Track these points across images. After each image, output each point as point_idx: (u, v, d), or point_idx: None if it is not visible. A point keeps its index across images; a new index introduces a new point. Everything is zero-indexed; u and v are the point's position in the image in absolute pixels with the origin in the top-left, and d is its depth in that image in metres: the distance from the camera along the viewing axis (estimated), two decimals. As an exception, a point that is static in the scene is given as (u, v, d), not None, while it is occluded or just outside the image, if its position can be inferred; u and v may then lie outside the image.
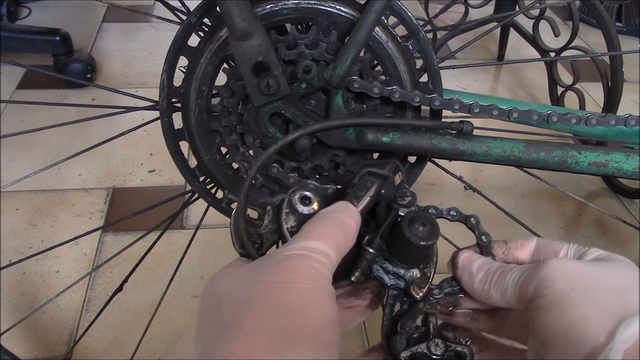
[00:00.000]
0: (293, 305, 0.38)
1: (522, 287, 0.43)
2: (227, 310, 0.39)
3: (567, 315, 0.39)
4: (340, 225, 0.44)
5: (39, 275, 1.20)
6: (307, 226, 0.44)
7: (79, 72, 1.80)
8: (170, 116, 0.65)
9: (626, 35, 2.26)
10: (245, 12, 0.54)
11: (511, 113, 0.60)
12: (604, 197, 1.51)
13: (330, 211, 0.46)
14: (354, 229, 0.45)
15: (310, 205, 0.48)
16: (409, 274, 0.49)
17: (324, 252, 0.42)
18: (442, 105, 0.59)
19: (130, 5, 2.25)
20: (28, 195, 1.40)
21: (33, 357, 1.05)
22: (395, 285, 0.50)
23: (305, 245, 0.42)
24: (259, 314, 0.38)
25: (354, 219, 0.46)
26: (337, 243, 0.43)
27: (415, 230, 0.47)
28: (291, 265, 0.40)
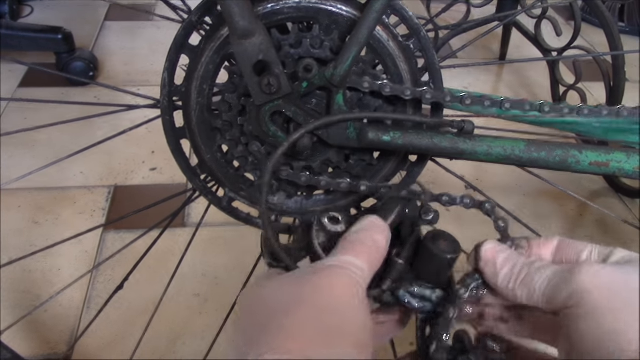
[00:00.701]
0: (332, 306, 0.40)
1: (554, 293, 0.42)
2: (266, 313, 0.40)
3: (605, 325, 0.38)
4: (371, 242, 0.47)
5: (40, 273, 1.21)
6: (341, 243, 0.47)
7: (81, 70, 1.80)
8: (171, 114, 0.65)
9: (629, 35, 2.26)
10: (246, 11, 0.54)
11: (503, 103, 0.60)
12: (606, 197, 1.51)
13: (361, 229, 0.48)
14: (385, 245, 0.48)
15: (338, 224, 0.51)
16: (435, 295, 0.51)
17: (358, 266, 0.44)
18: (433, 98, 0.59)
19: (132, 4, 2.26)
20: (30, 193, 1.41)
21: (34, 355, 1.06)
22: (422, 308, 0.51)
23: (341, 258, 0.44)
24: (299, 313, 0.39)
25: (384, 235, 0.48)
26: (369, 259, 0.45)
27: (439, 245, 0.50)
28: (330, 272, 0.42)
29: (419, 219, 0.53)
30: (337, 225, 0.51)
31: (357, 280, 0.42)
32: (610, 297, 0.40)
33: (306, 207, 0.68)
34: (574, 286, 0.41)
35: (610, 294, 0.40)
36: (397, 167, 0.66)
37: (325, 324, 0.38)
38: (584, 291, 0.40)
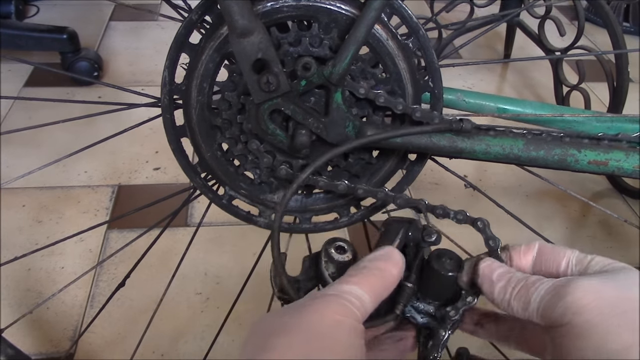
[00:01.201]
0: (321, 332, 0.41)
1: (548, 308, 0.43)
2: (263, 337, 0.42)
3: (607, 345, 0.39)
4: (379, 273, 0.48)
5: (44, 271, 1.21)
6: (348, 272, 0.48)
7: (86, 70, 1.81)
8: (171, 113, 0.66)
9: (633, 35, 2.26)
10: (246, 9, 0.54)
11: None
12: (609, 198, 1.51)
13: (373, 259, 0.49)
14: (395, 276, 0.49)
15: (345, 253, 0.53)
16: (440, 313, 0.52)
17: (357, 295, 0.45)
18: (422, 117, 0.60)
19: (137, 4, 2.27)
20: (34, 192, 1.41)
21: (37, 352, 1.06)
22: (427, 324, 0.53)
23: (340, 287, 0.45)
24: (289, 337, 0.41)
25: (397, 267, 0.49)
26: (372, 289, 0.46)
27: (443, 263, 0.52)
28: (323, 300, 0.44)
29: (422, 241, 0.55)
30: (344, 255, 0.53)
31: (351, 309, 0.43)
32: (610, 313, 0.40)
33: (306, 205, 0.68)
34: (568, 302, 0.41)
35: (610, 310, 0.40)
36: (397, 166, 0.66)
37: (312, 348, 0.40)
38: (579, 308, 0.41)
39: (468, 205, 1.44)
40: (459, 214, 0.56)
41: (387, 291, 0.48)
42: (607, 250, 1.34)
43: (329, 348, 0.40)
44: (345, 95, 0.60)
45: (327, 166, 0.65)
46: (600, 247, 1.35)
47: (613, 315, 0.40)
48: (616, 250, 1.35)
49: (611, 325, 0.39)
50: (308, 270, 0.55)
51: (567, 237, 1.38)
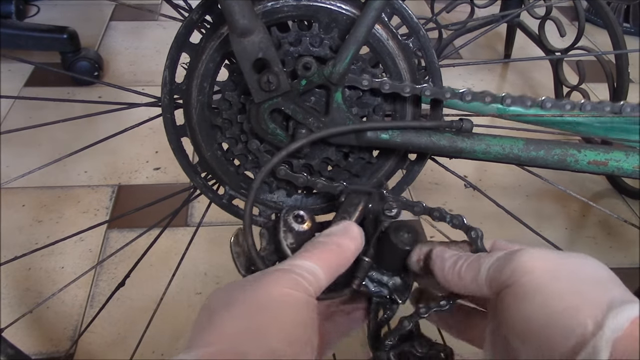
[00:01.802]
0: (266, 305, 0.41)
1: (496, 272, 0.43)
2: (209, 313, 0.42)
3: (552, 304, 0.39)
4: (336, 248, 0.47)
5: (44, 271, 1.21)
6: (304, 246, 0.48)
7: (86, 70, 1.81)
8: (172, 112, 0.66)
9: (633, 36, 2.26)
10: (246, 9, 0.54)
11: (504, 99, 0.59)
12: (609, 198, 1.51)
13: (330, 233, 0.49)
14: (353, 251, 0.49)
15: (304, 223, 0.52)
16: (392, 282, 0.53)
17: (311, 270, 0.44)
18: (433, 95, 0.59)
19: (137, 4, 2.27)
20: (34, 191, 1.42)
21: (37, 352, 1.06)
22: (378, 292, 0.53)
23: (294, 262, 0.45)
24: (234, 312, 0.41)
25: (355, 242, 0.49)
26: (327, 264, 0.46)
27: (401, 237, 0.52)
28: (274, 275, 0.43)
29: (382, 214, 0.54)
30: (303, 224, 0.52)
31: (302, 283, 0.43)
32: (557, 277, 0.40)
33: (306, 205, 0.68)
34: (516, 264, 0.42)
35: (557, 274, 0.41)
36: (397, 166, 0.66)
37: (256, 321, 0.40)
38: (526, 268, 0.41)
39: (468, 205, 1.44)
40: (455, 219, 0.56)
41: (343, 266, 0.48)
42: (607, 251, 1.34)
43: (277, 322, 0.40)
44: (345, 94, 0.60)
45: (327, 166, 0.65)
46: (600, 248, 1.35)
47: (557, 277, 0.40)
48: (616, 250, 1.35)
49: (555, 286, 0.40)
50: (270, 242, 0.53)
51: (567, 238, 1.38)
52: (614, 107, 0.59)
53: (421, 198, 1.49)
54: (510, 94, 0.60)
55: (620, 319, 0.36)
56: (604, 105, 0.59)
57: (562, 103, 0.60)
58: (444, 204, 1.43)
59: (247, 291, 0.42)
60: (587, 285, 0.40)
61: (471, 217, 0.55)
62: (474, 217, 0.61)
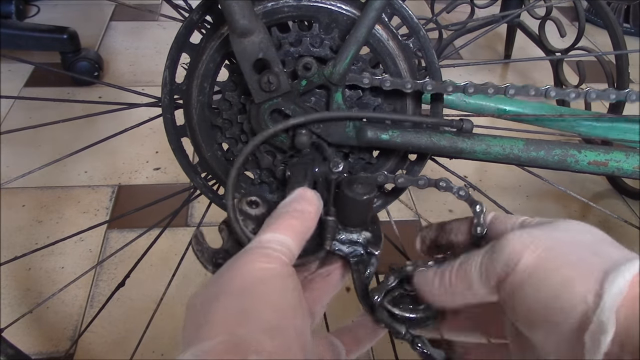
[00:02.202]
0: (248, 286, 0.41)
1: (489, 269, 0.42)
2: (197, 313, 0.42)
3: (547, 284, 0.38)
4: (297, 214, 0.47)
5: (44, 271, 1.21)
6: (266, 222, 0.47)
7: (86, 70, 1.81)
8: (172, 113, 0.66)
9: (633, 36, 2.26)
10: (246, 9, 0.54)
11: (508, 90, 0.59)
12: (609, 198, 1.51)
13: (287, 202, 0.49)
14: (313, 213, 0.49)
15: (258, 206, 0.53)
16: (362, 237, 0.53)
17: (279, 240, 0.45)
18: (435, 89, 0.59)
19: (137, 4, 2.27)
20: (34, 191, 1.42)
21: (37, 352, 1.06)
22: (354, 252, 0.54)
23: (260, 238, 0.45)
24: (221, 301, 0.41)
25: (313, 205, 0.49)
26: (293, 232, 0.46)
27: (355, 189, 0.52)
28: (245, 255, 0.43)
29: (331, 172, 0.55)
30: (258, 208, 0.52)
31: (274, 255, 0.43)
32: (545, 254, 0.39)
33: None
34: (505, 253, 0.40)
35: (545, 251, 0.39)
36: (397, 166, 0.66)
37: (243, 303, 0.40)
38: (515, 253, 0.40)
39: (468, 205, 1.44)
40: (461, 190, 0.55)
41: (309, 230, 0.48)
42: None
43: (263, 297, 0.40)
44: (345, 95, 0.60)
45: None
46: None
47: (548, 256, 0.39)
48: (616, 251, 1.34)
49: (548, 265, 0.39)
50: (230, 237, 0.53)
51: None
52: (620, 95, 0.58)
53: (421, 198, 1.50)
54: (513, 84, 0.59)
55: (618, 283, 0.35)
56: (609, 93, 0.58)
57: (566, 92, 0.59)
58: (444, 204, 1.43)
59: (226, 278, 0.42)
60: (578, 254, 0.39)
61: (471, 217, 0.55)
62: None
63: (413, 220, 1.38)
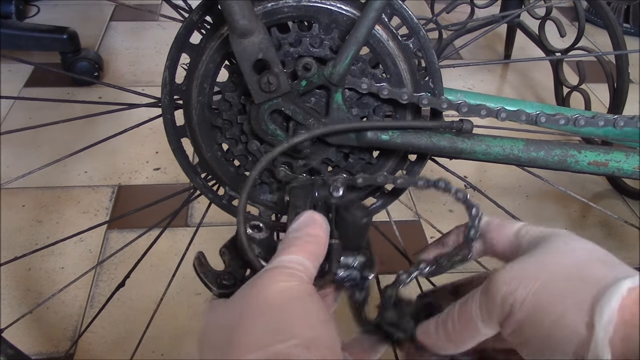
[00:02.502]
0: (270, 308, 0.41)
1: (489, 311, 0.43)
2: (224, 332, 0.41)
3: (543, 321, 0.39)
4: (310, 238, 0.48)
5: (44, 272, 1.21)
6: (281, 245, 0.47)
7: (86, 70, 1.81)
8: (172, 113, 0.66)
9: (633, 36, 2.26)
10: (246, 9, 0.54)
11: (499, 113, 0.60)
12: (609, 199, 1.51)
13: (299, 227, 0.49)
14: (324, 237, 0.49)
15: (262, 230, 0.53)
16: (357, 261, 0.53)
17: (299, 262, 0.45)
18: (430, 104, 0.60)
19: (137, 4, 2.27)
20: (34, 192, 1.41)
21: (37, 352, 1.06)
22: (349, 276, 0.53)
23: (280, 259, 0.45)
24: (251, 322, 0.40)
25: (322, 228, 0.49)
26: (310, 254, 0.46)
27: (353, 213, 0.52)
28: (267, 275, 0.43)
29: (330, 197, 0.55)
30: (261, 232, 0.53)
31: (297, 274, 0.43)
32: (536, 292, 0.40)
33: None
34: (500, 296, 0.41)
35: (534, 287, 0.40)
36: (397, 166, 0.66)
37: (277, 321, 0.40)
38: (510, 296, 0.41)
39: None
40: (459, 192, 0.56)
41: (322, 254, 0.48)
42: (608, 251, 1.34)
43: (294, 314, 0.41)
44: (345, 95, 0.60)
45: (327, 166, 0.65)
46: (600, 248, 1.35)
47: (541, 291, 0.40)
48: (616, 251, 1.33)
49: (541, 300, 0.40)
50: (233, 260, 0.53)
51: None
52: (608, 121, 0.59)
53: (421, 199, 1.50)
54: (504, 108, 0.60)
55: (607, 312, 0.36)
56: (598, 120, 0.60)
57: (555, 118, 0.60)
58: (444, 204, 1.43)
59: (251, 297, 0.42)
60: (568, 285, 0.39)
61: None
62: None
63: (413, 221, 1.38)
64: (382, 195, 0.68)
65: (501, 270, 0.43)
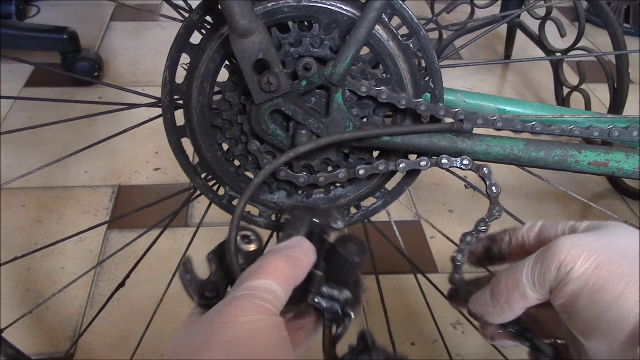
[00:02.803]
0: (236, 341, 0.40)
1: (540, 276, 0.42)
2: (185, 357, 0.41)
3: (601, 295, 0.39)
4: (289, 260, 0.46)
5: (44, 272, 1.21)
6: (255, 264, 0.46)
7: (86, 70, 1.81)
8: (172, 113, 0.66)
9: (633, 36, 2.26)
10: (246, 9, 0.54)
11: (495, 122, 0.60)
12: (609, 199, 1.51)
13: (283, 247, 0.48)
14: (306, 263, 0.48)
15: (251, 243, 0.52)
16: (343, 296, 0.51)
17: (269, 288, 0.43)
18: (427, 110, 0.60)
19: (137, 4, 2.27)
20: (34, 191, 1.41)
21: (37, 352, 1.06)
22: (330, 308, 0.52)
23: (250, 284, 0.44)
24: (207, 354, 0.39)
25: (308, 256, 0.48)
26: (284, 278, 0.45)
27: (348, 248, 0.51)
28: (236, 305, 0.42)
29: (329, 227, 0.54)
30: (250, 244, 0.51)
31: (265, 306, 0.42)
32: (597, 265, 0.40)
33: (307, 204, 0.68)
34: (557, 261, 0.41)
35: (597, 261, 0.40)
36: (397, 166, 0.66)
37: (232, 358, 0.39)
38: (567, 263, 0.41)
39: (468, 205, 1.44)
40: (465, 159, 0.56)
41: (298, 280, 0.47)
42: None
43: (254, 352, 0.40)
44: (345, 95, 0.60)
45: (327, 166, 0.65)
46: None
47: (601, 264, 0.40)
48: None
49: (601, 274, 0.40)
50: (218, 269, 0.53)
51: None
52: (602, 132, 0.60)
53: (421, 198, 1.50)
54: (502, 116, 0.60)
55: None
56: (592, 131, 0.60)
57: (551, 129, 0.60)
58: (444, 205, 1.43)
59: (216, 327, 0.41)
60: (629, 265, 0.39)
61: (471, 217, 0.55)
62: (474, 217, 0.61)
63: (413, 221, 1.38)
64: (382, 195, 0.68)
65: (562, 237, 0.43)
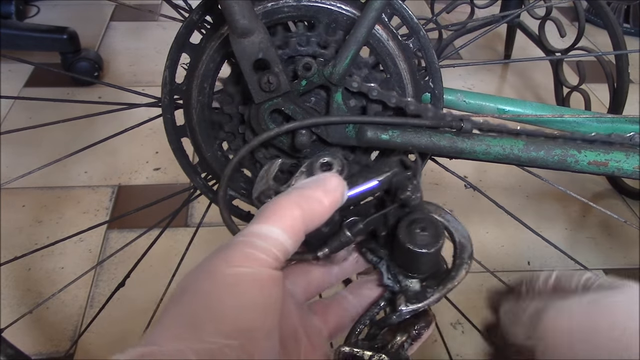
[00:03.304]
0: (208, 293, 0.36)
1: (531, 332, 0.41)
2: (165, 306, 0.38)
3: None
4: (302, 201, 0.41)
5: (44, 272, 1.21)
6: (265, 206, 0.41)
7: (86, 70, 1.81)
8: (172, 113, 0.66)
9: (633, 36, 2.26)
10: (246, 9, 0.54)
11: None
12: (609, 198, 1.51)
13: (302, 187, 0.42)
14: (326, 205, 0.42)
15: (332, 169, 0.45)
16: (406, 283, 0.45)
17: (269, 235, 0.39)
18: (416, 110, 0.60)
19: (137, 4, 2.27)
20: (34, 192, 1.41)
21: (37, 352, 1.06)
22: (390, 287, 0.46)
23: (250, 230, 0.39)
24: (177, 305, 0.37)
25: (329, 196, 0.42)
26: (291, 224, 0.40)
27: (412, 233, 0.43)
28: (225, 253, 0.38)
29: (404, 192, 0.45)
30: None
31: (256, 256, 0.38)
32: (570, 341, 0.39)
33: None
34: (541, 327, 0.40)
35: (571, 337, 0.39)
36: (397, 166, 0.66)
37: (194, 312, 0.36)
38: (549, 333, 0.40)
39: (468, 205, 1.44)
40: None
41: (313, 223, 0.41)
42: (608, 251, 1.34)
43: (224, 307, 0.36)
44: (345, 95, 0.60)
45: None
46: (600, 248, 1.35)
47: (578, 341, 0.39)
48: (616, 251, 1.35)
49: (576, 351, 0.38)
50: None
51: (567, 238, 1.38)
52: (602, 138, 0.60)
53: (421, 198, 1.50)
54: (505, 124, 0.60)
55: None
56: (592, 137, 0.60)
57: None
58: (444, 204, 1.43)
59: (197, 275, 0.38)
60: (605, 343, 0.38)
61: (471, 217, 0.55)
62: (474, 217, 0.61)
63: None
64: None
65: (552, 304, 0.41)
